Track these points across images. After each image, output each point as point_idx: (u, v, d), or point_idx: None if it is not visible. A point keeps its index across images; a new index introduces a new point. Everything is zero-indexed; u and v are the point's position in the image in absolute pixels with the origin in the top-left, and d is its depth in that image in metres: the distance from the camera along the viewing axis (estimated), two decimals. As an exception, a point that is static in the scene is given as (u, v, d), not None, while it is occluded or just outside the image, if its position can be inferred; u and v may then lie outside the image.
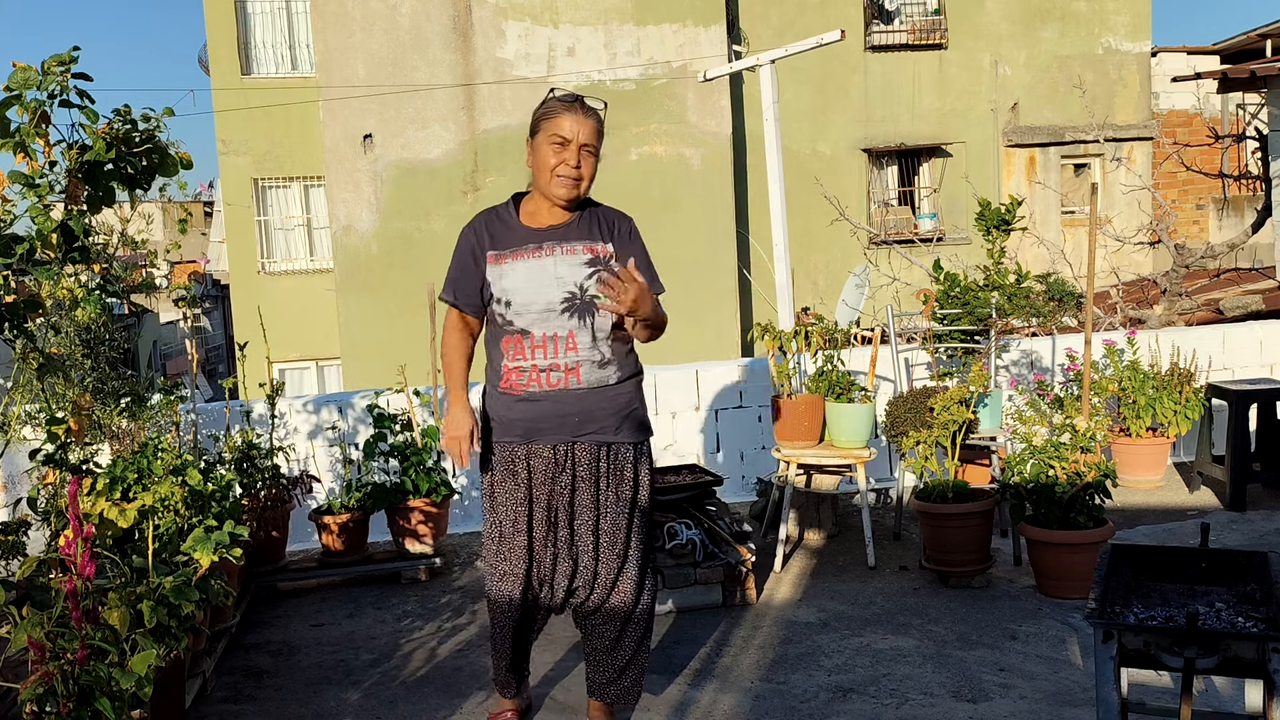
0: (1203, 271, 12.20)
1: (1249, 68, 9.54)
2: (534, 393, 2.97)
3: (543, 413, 2.97)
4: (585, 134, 2.92)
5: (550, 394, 2.96)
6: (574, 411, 2.96)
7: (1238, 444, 5.43)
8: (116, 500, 3.79)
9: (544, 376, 2.95)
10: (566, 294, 2.92)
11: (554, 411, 2.96)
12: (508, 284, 2.94)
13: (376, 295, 14.34)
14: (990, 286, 5.57)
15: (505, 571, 3.06)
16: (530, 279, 2.93)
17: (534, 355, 2.95)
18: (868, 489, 5.22)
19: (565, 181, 2.92)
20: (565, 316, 2.92)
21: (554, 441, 2.98)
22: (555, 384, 2.95)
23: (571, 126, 2.91)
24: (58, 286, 3.99)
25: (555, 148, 2.91)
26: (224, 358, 28.03)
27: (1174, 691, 3.22)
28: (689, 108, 15.04)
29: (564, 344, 2.93)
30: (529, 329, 2.94)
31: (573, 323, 2.92)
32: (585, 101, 2.97)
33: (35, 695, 2.58)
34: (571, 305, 2.92)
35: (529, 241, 2.97)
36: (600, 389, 2.99)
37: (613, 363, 3.01)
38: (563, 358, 2.94)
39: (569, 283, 2.92)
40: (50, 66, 3.12)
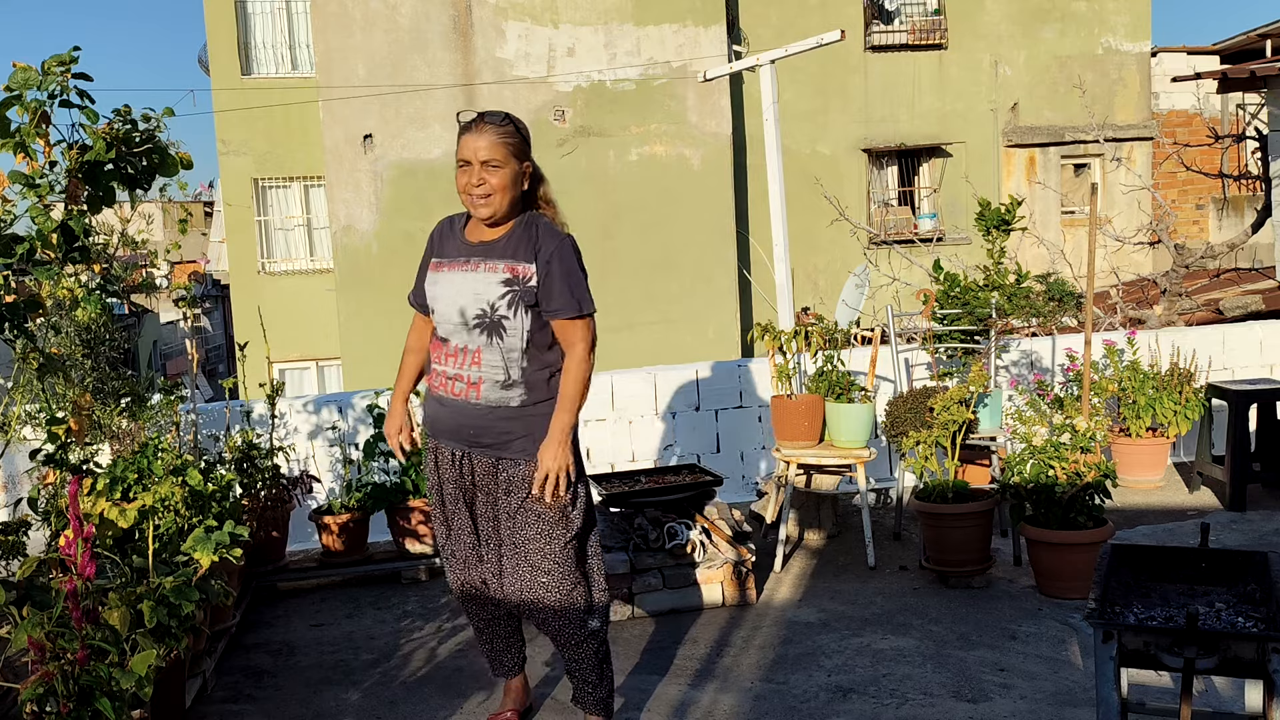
0: (1203, 271, 12.20)
1: (1249, 68, 9.53)
2: (443, 397, 3.05)
3: (448, 418, 3.05)
4: (483, 150, 2.96)
5: (453, 402, 3.02)
6: (469, 425, 3.01)
7: (1238, 444, 5.43)
8: (116, 500, 3.79)
9: (450, 384, 3.02)
10: (479, 310, 2.95)
11: (454, 420, 3.03)
12: (435, 292, 3.04)
13: (376, 295, 14.33)
14: (990, 286, 5.57)
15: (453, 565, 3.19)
16: (453, 290, 2.99)
17: (446, 362, 3.03)
18: (868, 489, 5.22)
19: (474, 200, 2.99)
20: (476, 332, 2.96)
21: (452, 448, 3.07)
22: (458, 394, 3.01)
23: (470, 145, 2.99)
24: (58, 286, 3.98)
25: (463, 171, 3.01)
26: (224, 358, 28.03)
27: (1174, 691, 3.22)
28: (689, 108, 15.04)
29: (470, 357, 2.98)
30: (447, 337, 3.02)
31: (482, 339, 2.95)
32: (483, 115, 3.02)
33: (35, 695, 2.58)
34: (482, 323, 2.95)
35: (461, 255, 3.04)
36: (498, 408, 2.97)
37: (519, 385, 2.96)
38: (467, 370, 2.98)
39: (483, 300, 2.94)
40: (50, 66, 3.12)
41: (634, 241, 14.44)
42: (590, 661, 3.12)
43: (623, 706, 3.44)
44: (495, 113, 3.04)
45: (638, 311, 13.92)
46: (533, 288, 2.94)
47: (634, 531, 4.33)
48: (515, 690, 3.38)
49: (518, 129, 3.03)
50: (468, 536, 3.13)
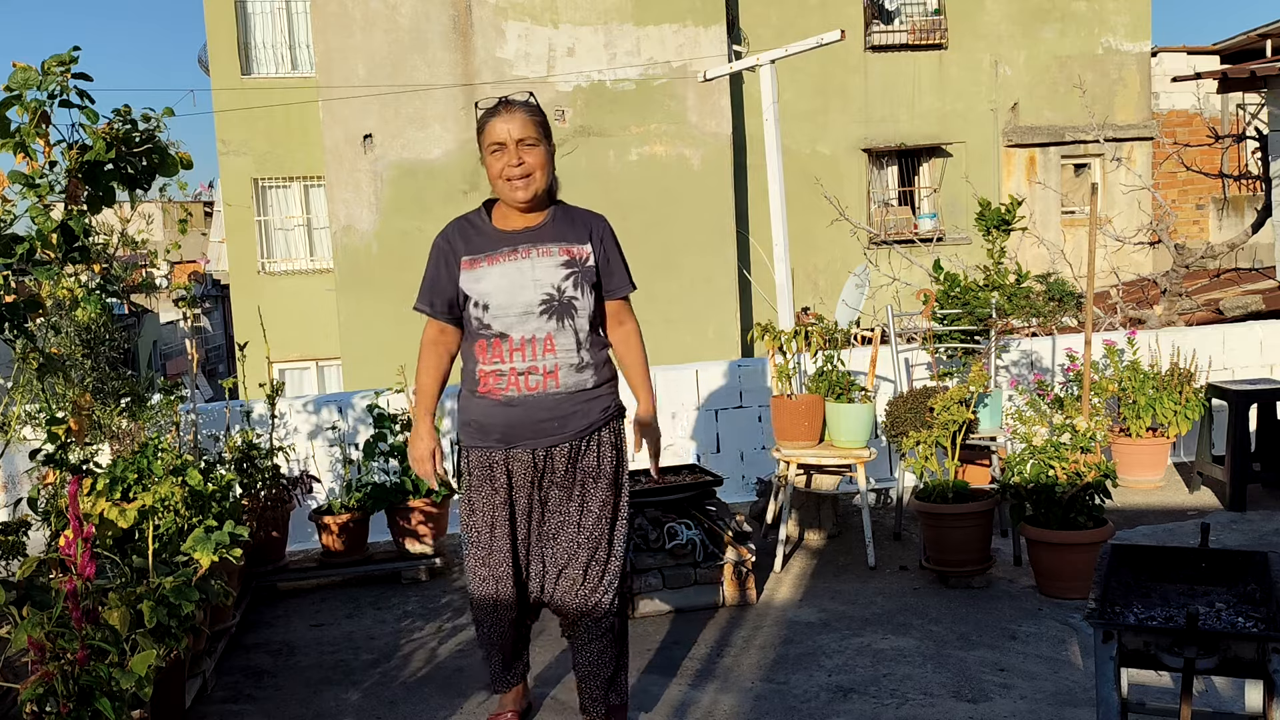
0: (1203, 271, 12.20)
1: (1249, 68, 9.53)
2: (513, 397, 2.93)
3: (521, 418, 2.94)
4: (517, 129, 2.89)
5: (529, 398, 2.93)
6: (551, 416, 2.94)
7: (1238, 444, 5.43)
8: (116, 500, 3.79)
9: (522, 380, 2.92)
10: (544, 295, 2.90)
11: (532, 417, 2.93)
12: (484, 287, 2.91)
13: (376, 295, 14.34)
14: (990, 286, 5.57)
15: (486, 576, 3.03)
16: (507, 281, 2.90)
17: (512, 358, 2.92)
18: (868, 489, 5.22)
19: (515, 182, 2.90)
20: (544, 318, 2.90)
21: (532, 446, 2.95)
22: (534, 387, 2.92)
23: (502, 128, 2.90)
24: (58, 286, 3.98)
25: (495, 155, 2.91)
26: (224, 358, 28.03)
27: (1174, 691, 3.22)
28: (689, 108, 15.04)
29: (542, 346, 2.91)
30: (507, 331, 2.91)
31: (551, 324, 2.91)
32: (508, 99, 2.96)
33: (35, 695, 2.58)
34: (550, 307, 2.90)
35: (503, 244, 2.94)
36: (577, 393, 2.96)
37: (590, 367, 2.98)
38: (541, 360, 2.91)
39: (546, 284, 2.90)
40: (50, 66, 3.12)
41: (634, 241, 14.32)
42: (615, 663, 3.12)
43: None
44: (518, 94, 2.98)
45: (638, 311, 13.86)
46: (592, 268, 2.95)
47: (634, 532, 4.33)
48: (516, 691, 3.38)
49: (542, 110, 3.00)
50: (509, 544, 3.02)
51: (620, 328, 3.10)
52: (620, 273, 3.04)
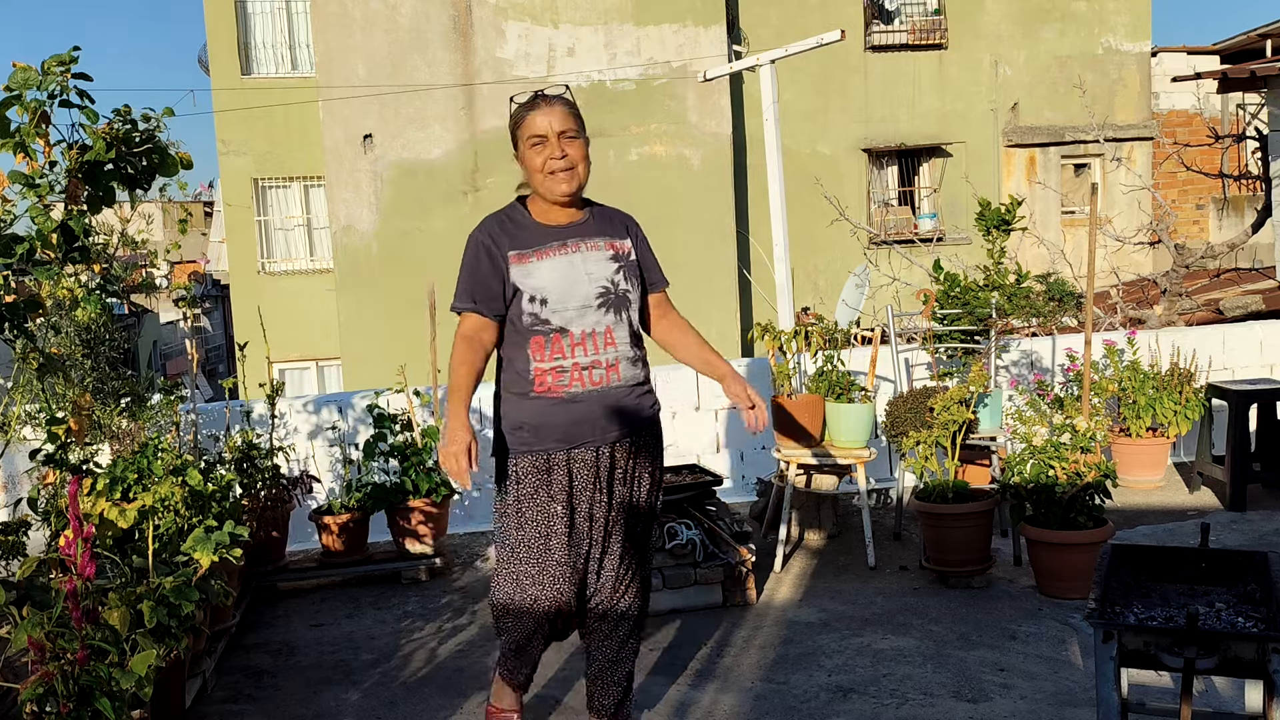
0: (1203, 271, 12.20)
1: (1249, 68, 9.53)
2: (576, 393, 2.85)
3: (585, 414, 2.86)
4: (558, 122, 2.84)
5: (594, 393, 2.86)
6: (615, 410, 2.88)
7: (1238, 444, 5.43)
8: (116, 500, 3.79)
9: (586, 375, 2.85)
10: (601, 288, 2.86)
11: (596, 412, 2.86)
12: (538, 282, 2.83)
13: (376, 295, 14.34)
14: (990, 286, 5.57)
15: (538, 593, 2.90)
16: (562, 275, 2.83)
17: (573, 353, 2.84)
18: (868, 489, 5.22)
19: (559, 175, 2.84)
20: (601, 311, 2.86)
21: (596, 443, 2.88)
22: (598, 382, 2.86)
23: (543, 121, 2.84)
24: (58, 286, 3.98)
25: (537, 148, 2.84)
26: (224, 358, 28.04)
27: (1174, 691, 3.22)
28: (689, 108, 15.04)
29: (603, 339, 2.87)
30: (567, 326, 2.83)
31: (610, 318, 2.87)
32: (544, 93, 2.91)
33: (35, 695, 2.58)
34: (607, 300, 2.87)
35: (550, 239, 2.88)
36: (634, 387, 2.94)
37: (641, 360, 2.98)
38: (603, 354, 2.86)
39: (600, 278, 2.87)
40: (50, 66, 3.12)
41: (634, 241, 14.41)
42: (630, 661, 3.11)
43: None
44: (553, 88, 2.94)
45: (638, 311, 13.89)
46: (634, 262, 2.96)
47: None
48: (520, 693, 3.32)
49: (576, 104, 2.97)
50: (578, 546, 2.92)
51: (668, 316, 3.11)
52: (656, 266, 3.07)
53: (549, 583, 2.89)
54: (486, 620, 4.33)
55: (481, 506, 5.95)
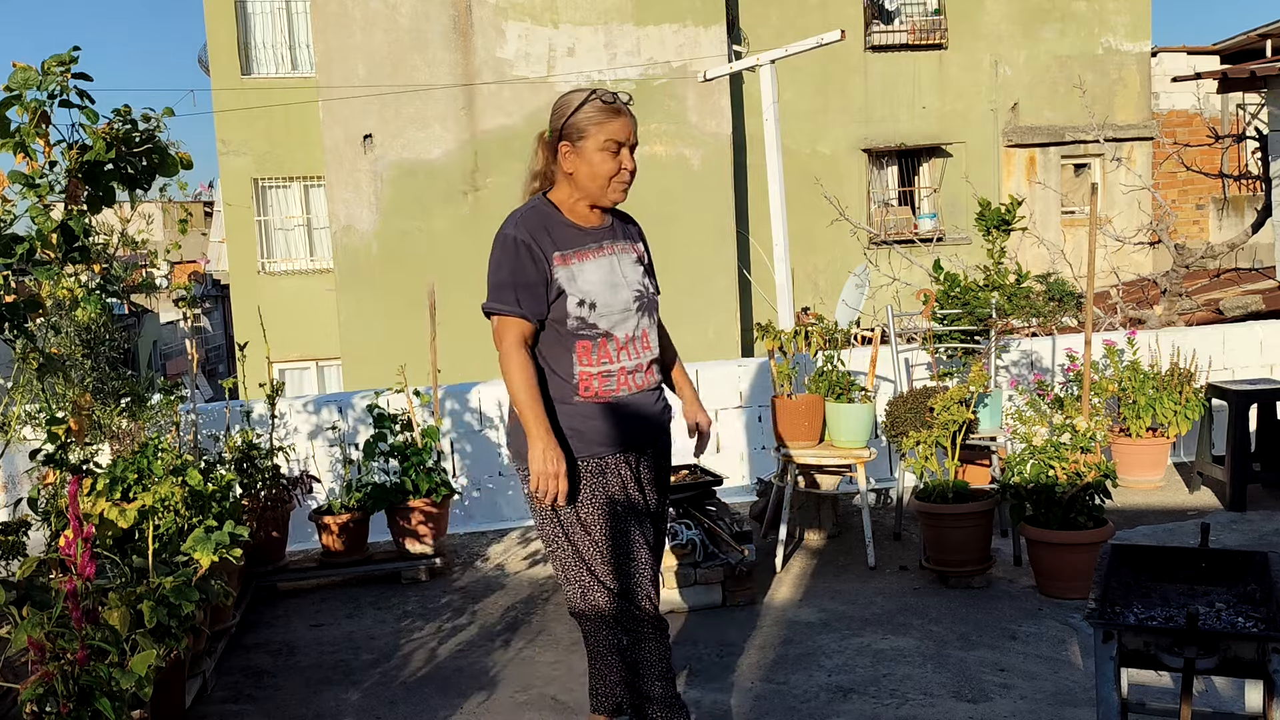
0: (1203, 271, 12.20)
1: (1249, 68, 9.53)
2: (623, 397, 2.81)
3: (631, 417, 2.83)
4: (632, 135, 2.87)
5: (637, 398, 2.85)
6: (652, 413, 2.90)
7: (1238, 444, 5.43)
8: (116, 500, 3.79)
9: (631, 379, 2.83)
10: (636, 291, 2.84)
11: (639, 414, 2.85)
12: (584, 285, 2.74)
13: (376, 295, 14.34)
14: (990, 286, 5.57)
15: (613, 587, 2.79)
16: (604, 279, 2.77)
17: (620, 357, 2.80)
18: (868, 489, 5.22)
19: (622, 187, 2.84)
20: (640, 314, 2.85)
21: (637, 448, 2.85)
22: (641, 385, 2.85)
23: (624, 128, 2.80)
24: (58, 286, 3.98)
25: (610, 154, 2.77)
26: (224, 358, 28.04)
27: (1174, 691, 3.22)
28: (689, 108, 15.04)
29: (641, 343, 2.86)
30: (612, 331, 2.78)
31: (646, 321, 2.87)
32: (620, 98, 2.88)
33: (35, 695, 2.58)
34: (643, 302, 2.86)
35: (588, 241, 2.80)
36: (660, 390, 2.97)
37: (659, 361, 2.99)
38: (642, 357, 2.86)
39: (634, 281, 2.85)
40: (50, 66, 3.12)
41: (634, 241, 14.41)
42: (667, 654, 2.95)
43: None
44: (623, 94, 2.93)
45: (638, 311, 13.89)
46: (650, 266, 2.97)
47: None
48: None
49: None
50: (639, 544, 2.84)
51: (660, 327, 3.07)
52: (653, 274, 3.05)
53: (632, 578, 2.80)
54: (487, 620, 4.34)
55: (482, 507, 5.95)
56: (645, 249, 3.02)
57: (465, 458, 5.97)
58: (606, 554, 2.78)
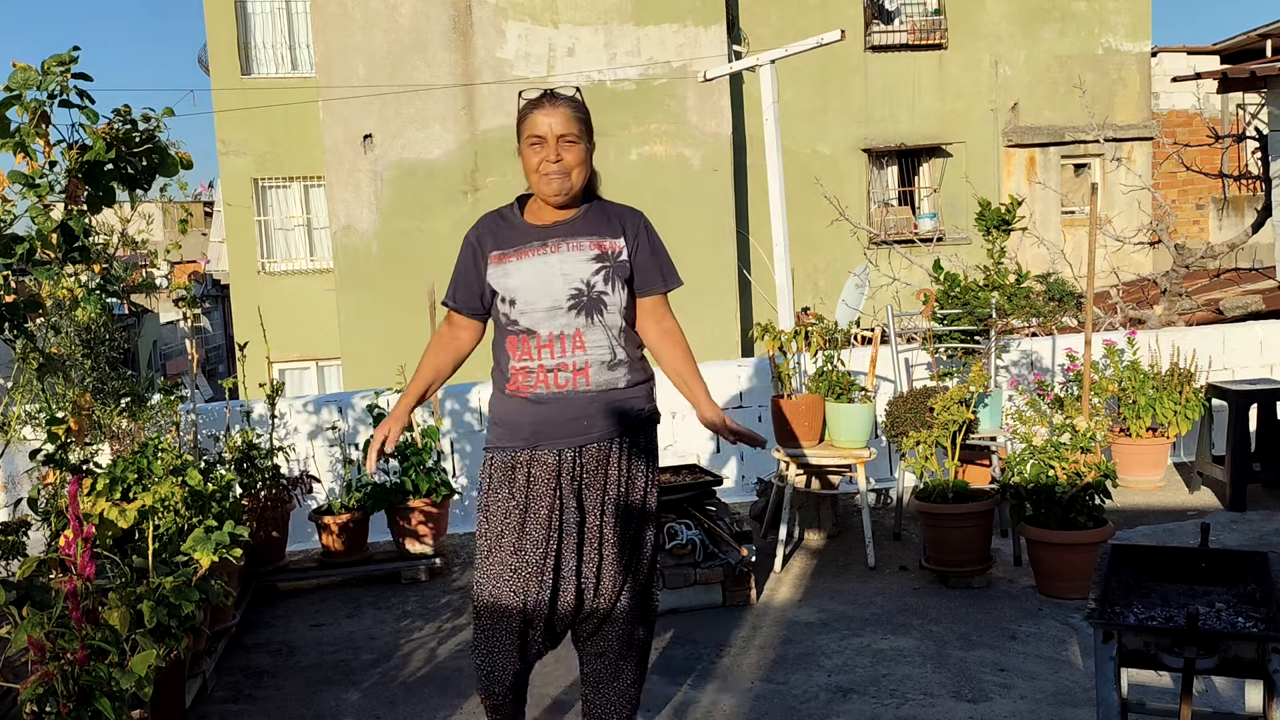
0: (1203, 271, 12.20)
1: (1249, 68, 9.54)
2: (541, 394, 2.82)
3: (550, 416, 2.82)
4: (559, 125, 2.81)
5: (558, 396, 2.81)
6: (581, 415, 2.82)
7: (1238, 444, 5.43)
8: (116, 500, 3.80)
9: (551, 377, 2.81)
10: (573, 290, 2.80)
11: (561, 415, 2.81)
12: (511, 283, 2.82)
13: (376, 295, 14.34)
14: (990, 286, 5.57)
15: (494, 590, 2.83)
16: (534, 276, 2.80)
17: (540, 355, 2.81)
18: (868, 489, 5.22)
19: (551, 177, 2.81)
20: (573, 314, 2.80)
21: (560, 446, 2.82)
22: (563, 385, 2.81)
23: (543, 121, 2.82)
24: (58, 286, 3.99)
25: (534, 148, 2.81)
26: (224, 358, 28.04)
27: (1174, 691, 3.22)
28: (689, 108, 15.04)
29: (571, 342, 2.81)
30: (534, 328, 2.81)
31: (581, 320, 2.81)
32: (554, 92, 2.88)
33: (35, 695, 2.58)
34: (579, 302, 2.81)
35: (533, 239, 2.85)
36: (608, 391, 2.86)
37: (624, 364, 2.88)
38: (570, 357, 2.81)
39: (575, 279, 2.81)
40: (50, 66, 3.12)
41: (634, 241, 14.41)
42: (643, 674, 3.02)
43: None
44: (565, 89, 2.91)
45: (638, 311, 13.89)
46: (625, 262, 2.87)
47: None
48: None
49: (587, 108, 2.93)
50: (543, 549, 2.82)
51: (658, 325, 2.95)
52: (655, 269, 2.92)
53: (505, 582, 2.81)
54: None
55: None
56: (631, 244, 2.90)
57: (465, 458, 5.97)
58: (497, 544, 2.84)
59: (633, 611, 2.94)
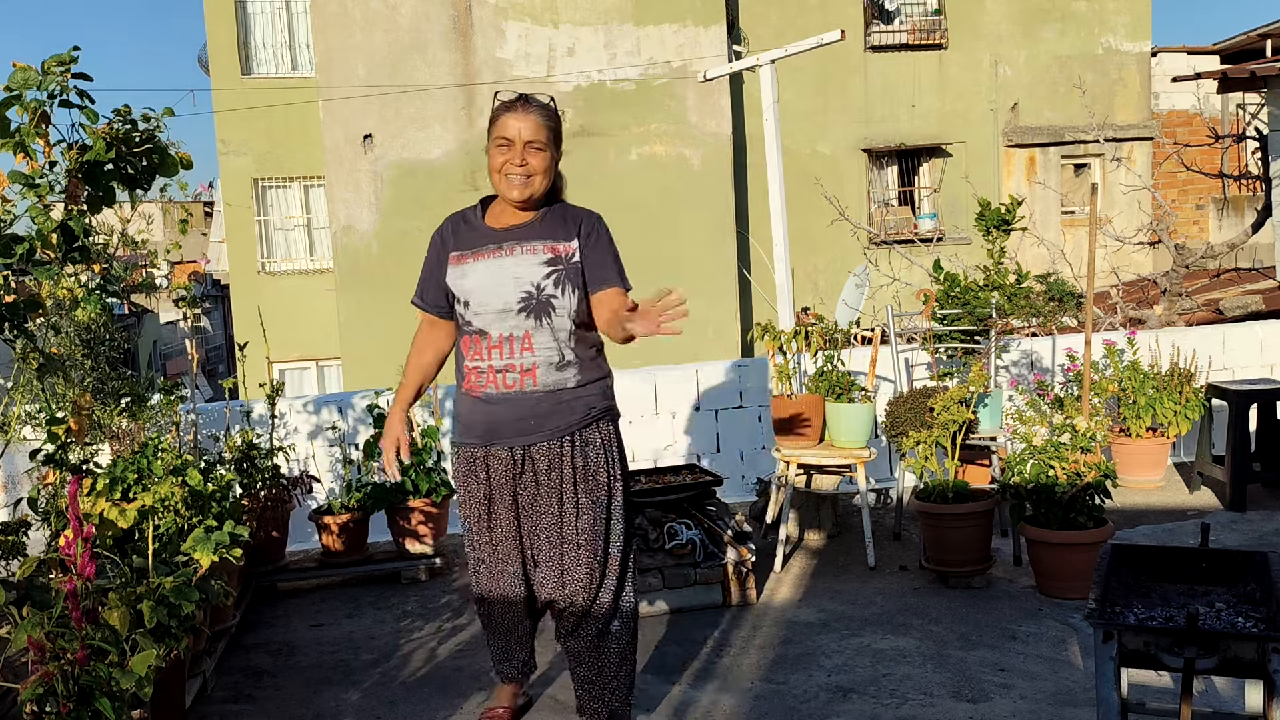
0: (1203, 271, 12.20)
1: (1249, 68, 9.54)
2: (491, 394, 2.93)
3: (499, 415, 2.93)
4: (528, 131, 2.88)
5: (507, 396, 2.91)
6: (530, 415, 2.92)
7: (1238, 444, 5.43)
8: (116, 500, 3.79)
9: (500, 378, 2.91)
10: (523, 293, 2.88)
11: (510, 414, 2.92)
12: (466, 284, 2.92)
13: (376, 295, 14.34)
14: (990, 286, 5.57)
15: (483, 573, 3.07)
16: (488, 278, 2.90)
17: (490, 356, 2.91)
18: (868, 489, 5.22)
19: (513, 181, 2.89)
20: (522, 316, 2.88)
21: (510, 445, 2.94)
22: (511, 385, 2.91)
23: (513, 124, 2.89)
24: (58, 286, 3.99)
25: (501, 149, 2.89)
26: (224, 358, 28.04)
27: (1174, 691, 3.22)
28: (689, 108, 15.04)
29: (520, 344, 2.90)
30: (486, 329, 2.91)
31: (529, 323, 2.88)
32: (528, 97, 2.95)
33: (35, 695, 2.58)
34: (528, 305, 2.88)
35: (490, 241, 2.94)
36: (557, 391, 2.93)
37: (573, 365, 2.95)
38: (519, 358, 2.90)
39: (526, 282, 2.88)
40: (50, 66, 3.12)
41: (634, 241, 14.33)
42: (626, 663, 3.10)
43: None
44: (538, 95, 2.98)
45: (638, 311, 13.89)
46: (577, 264, 2.92)
47: (634, 531, 4.33)
48: (512, 686, 3.37)
49: (559, 117, 2.99)
50: (511, 540, 3.00)
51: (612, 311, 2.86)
52: (608, 265, 2.94)
53: (486, 572, 3.06)
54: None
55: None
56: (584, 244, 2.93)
57: (465, 458, 5.96)
58: (472, 538, 3.05)
59: (605, 607, 3.03)
